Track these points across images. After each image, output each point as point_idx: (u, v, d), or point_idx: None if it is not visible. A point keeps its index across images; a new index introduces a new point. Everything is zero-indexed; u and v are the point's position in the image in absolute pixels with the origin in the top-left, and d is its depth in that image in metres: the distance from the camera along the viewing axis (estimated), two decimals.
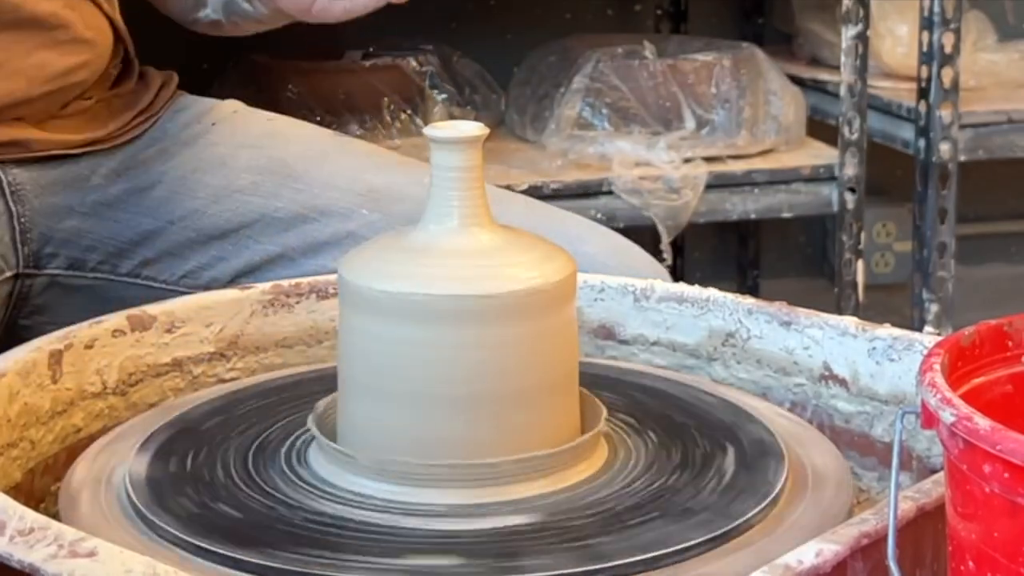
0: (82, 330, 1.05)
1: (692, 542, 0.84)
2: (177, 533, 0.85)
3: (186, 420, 1.01)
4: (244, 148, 1.38)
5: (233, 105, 1.44)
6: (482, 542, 0.85)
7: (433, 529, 0.87)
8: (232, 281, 1.33)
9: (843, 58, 2.17)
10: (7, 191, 1.28)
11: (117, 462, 0.95)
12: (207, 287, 1.30)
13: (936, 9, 2.17)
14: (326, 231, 1.33)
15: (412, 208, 0.96)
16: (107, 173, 1.34)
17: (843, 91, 2.18)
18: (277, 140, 1.39)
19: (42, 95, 1.29)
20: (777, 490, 0.91)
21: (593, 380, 1.05)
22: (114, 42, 1.36)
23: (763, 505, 0.89)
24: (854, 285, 2.22)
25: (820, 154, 2.25)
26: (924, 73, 2.21)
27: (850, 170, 2.20)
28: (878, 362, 1.05)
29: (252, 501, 0.90)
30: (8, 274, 1.29)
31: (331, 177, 1.36)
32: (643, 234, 2.56)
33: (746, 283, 2.86)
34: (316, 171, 1.35)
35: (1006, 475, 0.66)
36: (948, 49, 2.18)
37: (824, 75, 2.48)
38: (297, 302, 1.17)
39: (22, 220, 1.29)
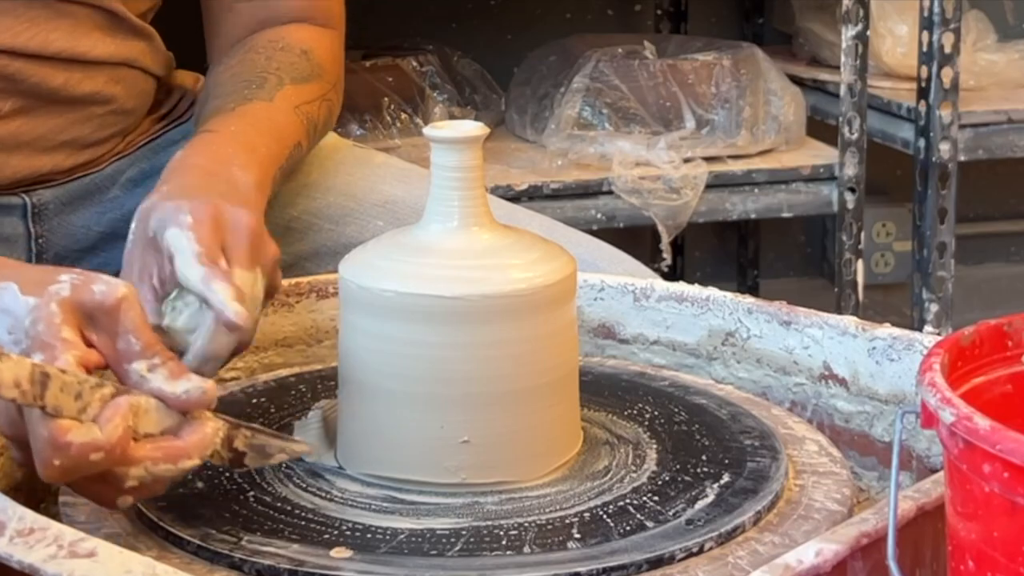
0: None
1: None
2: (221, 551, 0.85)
3: None
4: None
5: None
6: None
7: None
8: None
9: (843, 58, 2.17)
10: (29, 213, 1.27)
11: None
12: None
13: (936, 9, 2.17)
14: (340, 241, 1.31)
15: None
16: (126, 183, 1.32)
17: (843, 91, 2.18)
18: None
19: (70, 166, 1.27)
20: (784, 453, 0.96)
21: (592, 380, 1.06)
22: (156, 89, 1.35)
23: (783, 470, 0.94)
24: (854, 285, 2.22)
25: (820, 154, 2.25)
26: (924, 73, 2.21)
27: (850, 170, 2.20)
28: (878, 362, 1.05)
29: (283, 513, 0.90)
30: None
31: (347, 186, 1.34)
32: (643, 234, 2.57)
33: (746, 283, 2.86)
34: (332, 180, 1.33)
35: (1006, 475, 0.66)
36: (948, 49, 2.18)
37: (824, 75, 2.48)
38: (297, 302, 1.17)
39: (39, 241, 1.27)
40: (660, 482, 0.93)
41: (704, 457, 0.96)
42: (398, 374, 0.91)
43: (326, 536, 0.85)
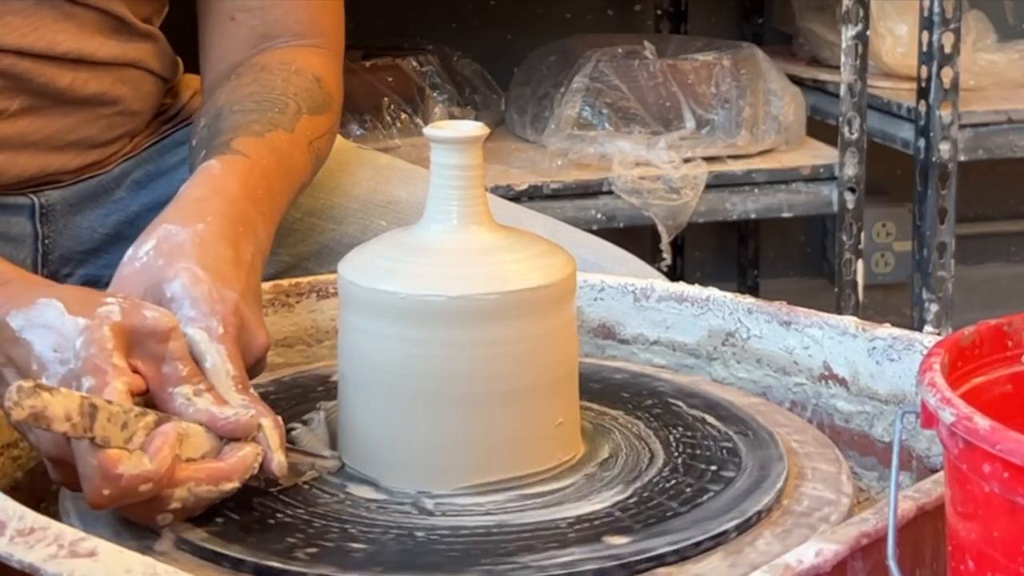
0: None
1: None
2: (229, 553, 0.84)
3: None
4: None
5: None
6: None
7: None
8: None
9: (843, 58, 2.17)
10: (37, 214, 1.27)
11: None
12: None
13: (936, 9, 2.17)
14: (343, 241, 1.30)
15: None
16: (131, 185, 1.32)
17: (843, 91, 2.18)
18: None
19: (77, 167, 1.27)
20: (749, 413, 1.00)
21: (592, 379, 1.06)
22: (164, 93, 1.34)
23: (766, 429, 0.97)
24: (854, 285, 2.22)
25: (820, 154, 2.26)
26: (924, 73, 2.21)
27: (850, 170, 2.20)
28: (878, 362, 1.05)
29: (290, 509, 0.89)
30: None
31: (350, 187, 1.33)
32: (643, 234, 2.57)
33: (746, 283, 2.86)
34: (336, 181, 1.33)
35: (1006, 475, 0.66)
36: (948, 49, 2.19)
37: (824, 75, 2.48)
38: (297, 302, 1.17)
39: (46, 242, 1.27)
40: (682, 453, 0.95)
41: (685, 423, 0.99)
42: (397, 374, 0.91)
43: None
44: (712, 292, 1.14)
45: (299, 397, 1.05)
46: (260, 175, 1.09)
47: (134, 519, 0.87)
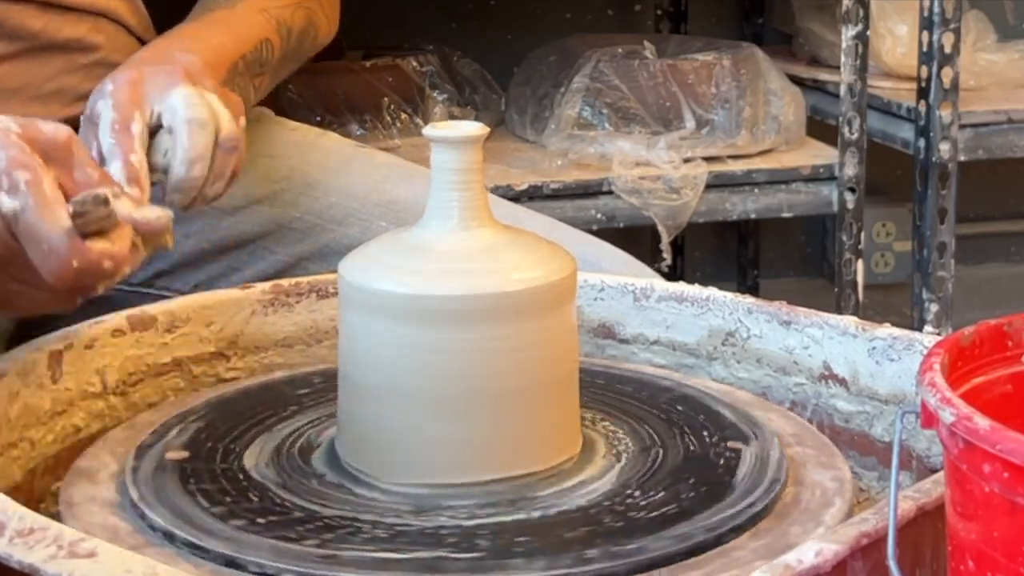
0: (82, 330, 1.05)
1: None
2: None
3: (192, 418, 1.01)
4: (263, 158, 1.35)
5: (258, 112, 1.40)
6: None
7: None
8: None
9: (843, 58, 2.17)
10: None
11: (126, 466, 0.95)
12: None
13: (936, 9, 2.17)
14: (342, 241, 1.30)
15: None
16: None
17: (843, 91, 2.18)
18: (298, 150, 1.36)
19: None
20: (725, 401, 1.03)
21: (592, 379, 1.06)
22: None
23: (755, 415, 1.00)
24: (854, 285, 2.22)
25: (820, 154, 2.25)
26: (924, 73, 2.21)
27: (850, 170, 2.20)
28: (878, 362, 1.05)
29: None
30: None
31: (349, 187, 1.34)
32: (643, 234, 2.57)
33: (746, 282, 2.86)
34: (335, 180, 1.33)
35: (1006, 475, 0.66)
36: (948, 49, 2.18)
37: (824, 75, 2.48)
38: (297, 301, 1.17)
39: None
40: (682, 452, 0.96)
41: (685, 423, 1.00)
42: (397, 374, 0.91)
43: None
44: (712, 292, 1.14)
45: (299, 398, 1.05)
46: (175, 35, 1.20)
47: (55, 306, 0.95)
